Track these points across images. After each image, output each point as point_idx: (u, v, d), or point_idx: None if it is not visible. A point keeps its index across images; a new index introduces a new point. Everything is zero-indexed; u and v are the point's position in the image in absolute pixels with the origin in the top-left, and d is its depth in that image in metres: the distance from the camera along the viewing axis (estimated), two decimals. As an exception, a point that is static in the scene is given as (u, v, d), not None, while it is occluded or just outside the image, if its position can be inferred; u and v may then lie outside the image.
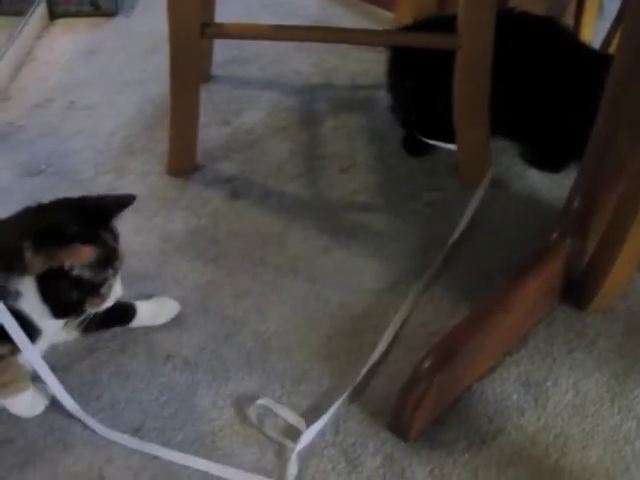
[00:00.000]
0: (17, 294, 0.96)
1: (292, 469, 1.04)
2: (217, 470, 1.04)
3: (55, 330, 1.06)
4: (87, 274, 0.98)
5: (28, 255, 0.94)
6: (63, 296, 0.98)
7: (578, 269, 1.29)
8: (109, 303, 1.04)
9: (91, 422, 1.08)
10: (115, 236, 1.05)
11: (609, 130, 1.19)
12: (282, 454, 1.06)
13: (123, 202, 1.07)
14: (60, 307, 0.99)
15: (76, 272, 0.96)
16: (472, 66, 1.42)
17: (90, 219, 1.02)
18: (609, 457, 1.07)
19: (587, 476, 1.04)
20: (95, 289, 1.01)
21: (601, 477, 1.04)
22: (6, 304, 0.96)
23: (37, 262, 0.94)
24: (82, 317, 1.02)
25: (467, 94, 1.46)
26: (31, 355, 1.01)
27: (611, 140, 1.19)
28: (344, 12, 2.30)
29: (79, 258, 0.95)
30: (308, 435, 1.08)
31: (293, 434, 1.09)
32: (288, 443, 1.08)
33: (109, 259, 1.01)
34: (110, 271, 1.01)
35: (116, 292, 1.05)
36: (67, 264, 0.95)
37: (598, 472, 1.05)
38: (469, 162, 1.57)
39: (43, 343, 1.05)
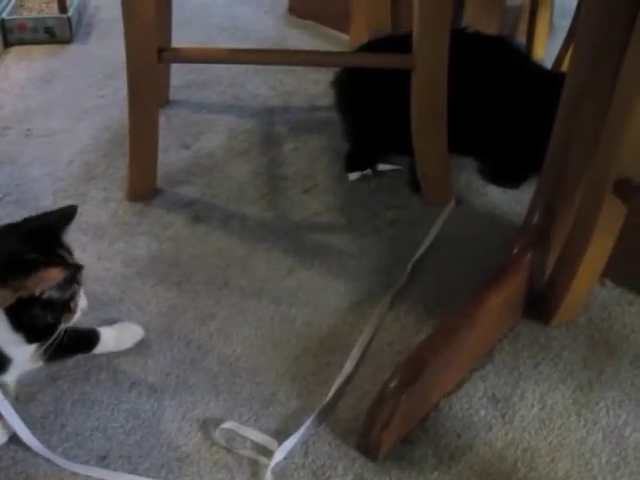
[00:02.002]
0: None
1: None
2: None
3: (25, 357, 1.05)
4: (56, 294, 0.98)
5: None
6: (38, 321, 0.97)
7: (540, 283, 1.30)
8: (78, 315, 1.04)
9: (53, 457, 1.05)
10: (69, 250, 1.04)
11: (564, 145, 1.21)
12: (255, 475, 1.06)
13: (68, 215, 1.07)
14: (34, 332, 0.99)
15: (46, 295, 0.96)
16: (428, 85, 1.44)
17: (41, 240, 1.01)
18: (576, 470, 1.07)
19: (556, 489, 1.05)
20: (66, 306, 1.01)
21: (569, 490, 1.05)
22: None
23: (5, 296, 0.93)
24: (53, 337, 1.01)
25: (424, 112, 1.48)
26: None
27: (566, 155, 1.21)
28: (300, 34, 2.32)
29: (48, 282, 0.95)
30: (282, 451, 1.08)
31: (265, 453, 1.08)
32: (262, 460, 1.07)
33: (73, 274, 1.00)
34: (75, 285, 1.01)
35: (82, 304, 1.05)
36: (37, 290, 0.94)
37: (566, 485, 1.06)
38: (429, 180, 1.58)
39: (14, 373, 1.04)
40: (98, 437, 1.10)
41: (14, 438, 1.07)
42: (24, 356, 1.04)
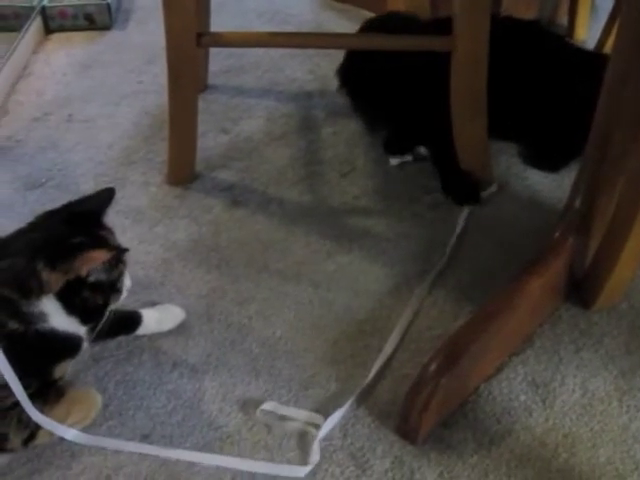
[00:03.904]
0: (43, 315, 0.97)
1: (315, 456, 1.05)
2: (236, 464, 1.04)
3: (86, 336, 1.07)
4: (103, 276, 1.00)
5: (45, 275, 0.95)
6: (88, 303, 1.00)
7: (581, 267, 1.29)
8: (124, 295, 1.07)
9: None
10: (112, 232, 1.07)
11: (607, 128, 1.19)
12: (294, 457, 1.07)
13: (107, 198, 1.09)
14: (86, 313, 1.02)
15: (94, 278, 0.98)
16: (468, 67, 1.43)
17: (84, 224, 1.03)
18: (618, 456, 1.06)
19: (597, 476, 1.04)
20: (114, 287, 1.04)
21: (611, 477, 1.04)
22: (37, 327, 0.96)
23: (55, 279, 0.95)
24: (104, 318, 1.04)
25: (464, 95, 1.47)
26: (13, 383, 0.96)
27: (609, 139, 1.19)
28: (338, 18, 2.31)
29: (94, 263, 0.97)
30: (329, 424, 1.09)
31: (313, 426, 1.10)
32: (310, 430, 1.08)
33: (118, 256, 1.03)
34: (121, 266, 1.04)
35: (127, 284, 1.08)
36: (84, 272, 0.96)
37: (607, 472, 1.04)
38: (468, 162, 1.57)
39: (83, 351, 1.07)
40: (141, 416, 1.11)
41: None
42: (85, 335, 1.06)
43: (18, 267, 0.96)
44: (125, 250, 1.03)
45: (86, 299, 0.99)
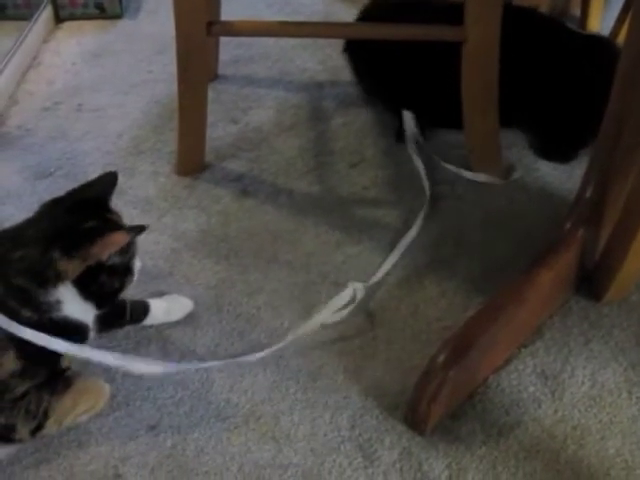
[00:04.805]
0: (59, 303, 0.97)
1: (344, 297, 1.14)
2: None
3: (92, 323, 1.07)
4: (118, 259, 1.00)
5: (62, 264, 0.95)
6: (106, 287, 1.00)
7: (592, 259, 1.28)
8: (135, 277, 1.08)
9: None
10: (119, 215, 1.07)
11: (619, 119, 1.18)
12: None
13: (110, 182, 1.09)
14: (102, 298, 1.02)
15: (110, 262, 0.99)
16: (479, 57, 1.42)
17: (92, 209, 1.03)
18: (627, 448, 1.06)
19: (605, 467, 1.04)
20: (128, 269, 1.04)
21: (620, 468, 1.03)
22: (51, 316, 0.97)
23: (73, 267, 0.96)
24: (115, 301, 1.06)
25: (475, 85, 1.46)
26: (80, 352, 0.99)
27: (621, 129, 1.18)
28: (349, 9, 2.29)
29: (115, 246, 0.97)
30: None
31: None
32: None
33: (137, 234, 1.03)
34: (133, 248, 1.04)
35: (138, 265, 1.08)
36: (105, 256, 0.96)
37: (617, 464, 1.04)
38: (479, 153, 1.56)
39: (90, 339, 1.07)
40: (148, 407, 1.11)
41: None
42: (92, 323, 1.06)
43: (33, 258, 0.95)
44: (143, 228, 1.02)
45: (103, 283, 0.99)
